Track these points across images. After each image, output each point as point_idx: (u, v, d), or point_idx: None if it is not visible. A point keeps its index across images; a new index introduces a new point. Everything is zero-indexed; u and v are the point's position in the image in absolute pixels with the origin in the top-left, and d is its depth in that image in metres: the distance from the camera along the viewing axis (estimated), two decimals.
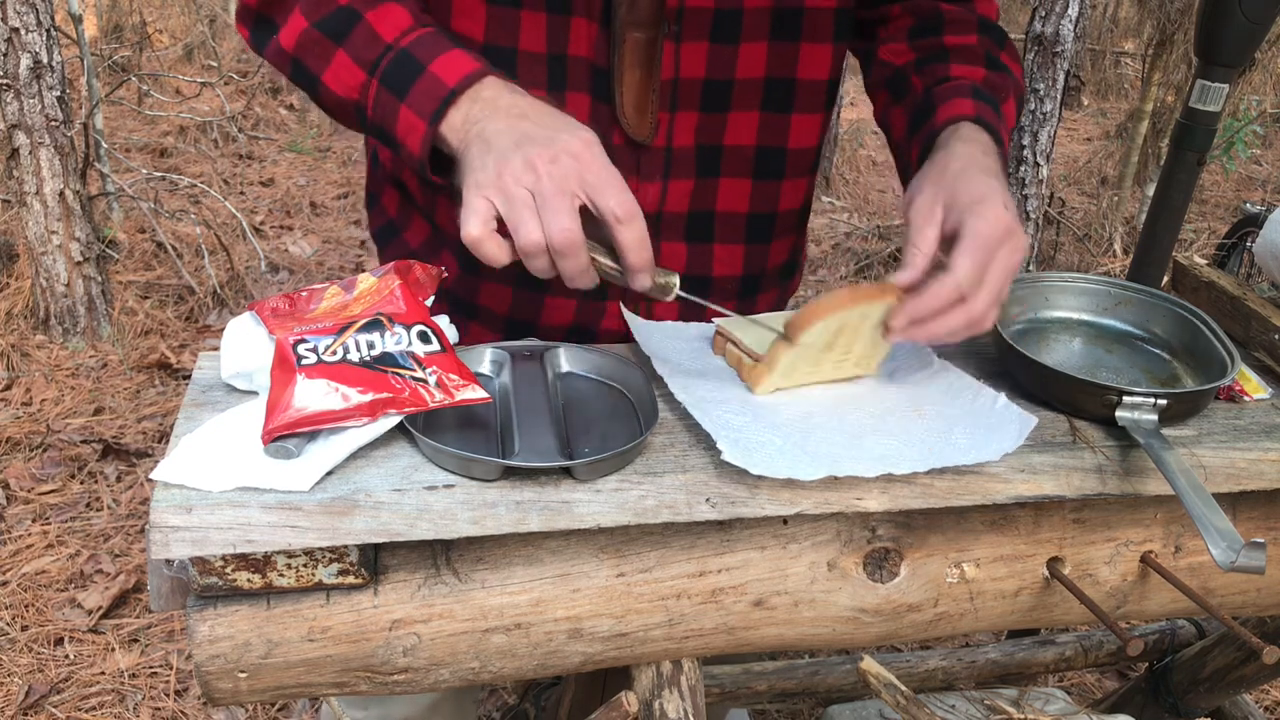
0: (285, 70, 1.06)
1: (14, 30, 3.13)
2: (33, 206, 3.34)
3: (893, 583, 0.99)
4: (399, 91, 0.96)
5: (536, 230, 0.86)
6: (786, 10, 1.12)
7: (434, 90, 0.94)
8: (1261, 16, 1.68)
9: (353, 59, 0.99)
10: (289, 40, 1.02)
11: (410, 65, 0.96)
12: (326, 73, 1.01)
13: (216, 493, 0.80)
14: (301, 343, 0.88)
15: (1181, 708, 1.69)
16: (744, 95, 1.16)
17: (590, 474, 0.86)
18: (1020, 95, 1.21)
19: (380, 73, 0.97)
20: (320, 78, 1.01)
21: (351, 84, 1.00)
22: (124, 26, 6.22)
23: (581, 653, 0.95)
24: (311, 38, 1.00)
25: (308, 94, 1.06)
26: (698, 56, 1.12)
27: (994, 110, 1.12)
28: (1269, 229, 1.25)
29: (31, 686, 2.13)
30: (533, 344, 1.06)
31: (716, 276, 1.25)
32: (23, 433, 2.96)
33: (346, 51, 0.99)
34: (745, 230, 1.24)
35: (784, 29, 1.13)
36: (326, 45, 1.00)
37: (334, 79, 1.00)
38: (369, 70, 0.98)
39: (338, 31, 0.99)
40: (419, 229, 1.26)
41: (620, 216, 0.88)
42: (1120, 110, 6.91)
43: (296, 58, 1.03)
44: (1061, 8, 3.19)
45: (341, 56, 0.99)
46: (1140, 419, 0.99)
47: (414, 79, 0.95)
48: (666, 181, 1.18)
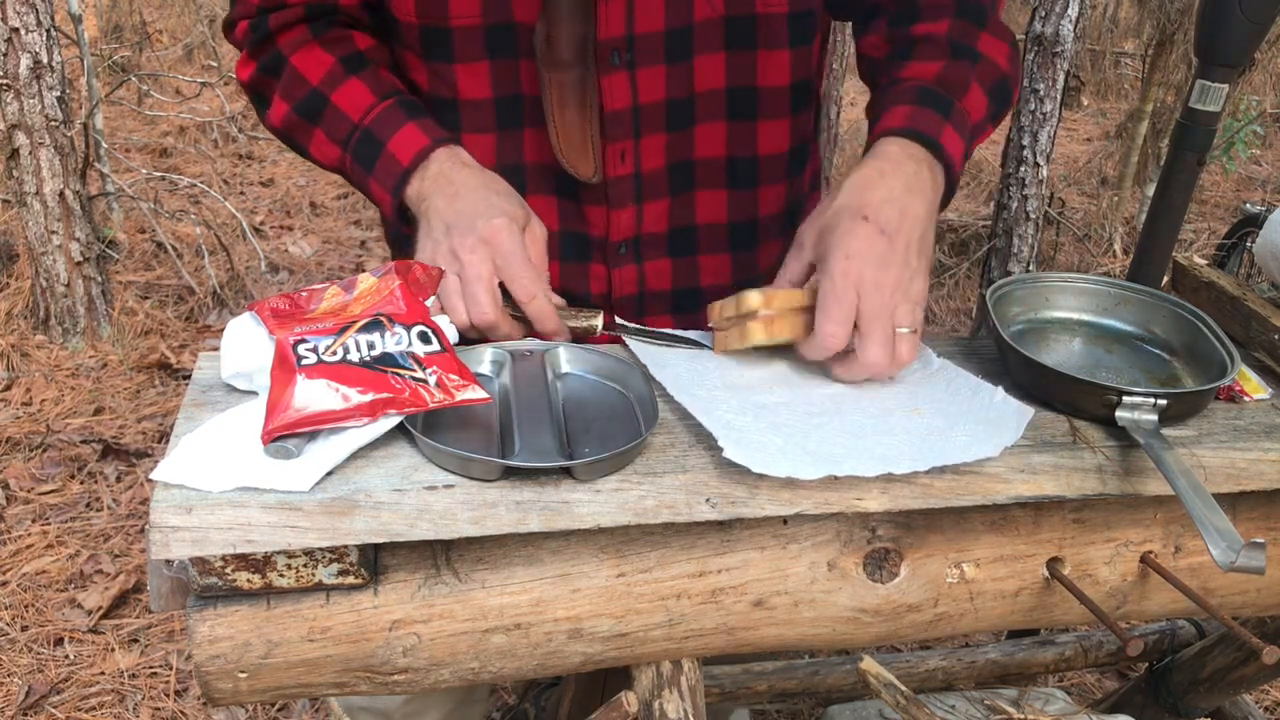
0: (283, 141, 1.20)
1: (14, 30, 3.13)
2: (33, 206, 3.33)
3: (893, 583, 0.99)
4: (366, 167, 1.11)
5: (462, 313, 1.02)
6: (738, 19, 1.12)
7: (392, 168, 1.09)
8: (1261, 16, 1.68)
9: (328, 138, 1.14)
10: (277, 119, 1.16)
11: (372, 144, 1.10)
12: (311, 147, 1.16)
13: (216, 493, 0.80)
14: (301, 343, 0.88)
15: (1181, 708, 1.69)
16: (707, 108, 1.16)
17: (590, 474, 0.86)
18: (999, 82, 1.13)
19: (351, 149, 1.12)
20: (308, 150, 1.17)
21: (332, 157, 1.15)
22: (124, 26, 6.22)
23: (581, 653, 0.95)
24: (292, 120, 1.15)
25: (303, 157, 1.21)
26: (656, 80, 1.12)
27: (941, 113, 1.06)
28: (1269, 229, 1.25)
29: (31, 686, 2.13)
30: (533, 344, 1.06)
31: (705, 286, 1.26)
32: (23, 433, 2.96)
33: (322, 131, 1.14)
34: (729, 239, 1.25)
35: (738, 39, 1.13)
36: (305, 126, 1.15)
37: (318, 152, 1.16)
38: (342, 147, 1.13)
39: (312, 113, 1.13)
40: None
41: (523, 299, 1.03)
42: (1120, 110, 6.91)
43: (287, 134, 1.17)
44: (1061, 8, 3.19)
45: (319, 135, 1.14)
46: (1140, 419, 0.99)
47: (376, 157, 1.10)
48: (640, 206, 1.18)
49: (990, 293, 1.14)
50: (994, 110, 1.13)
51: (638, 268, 1.22)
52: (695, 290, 1.25)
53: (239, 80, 1.20)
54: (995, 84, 1.12)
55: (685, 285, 1.24)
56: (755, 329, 1.01)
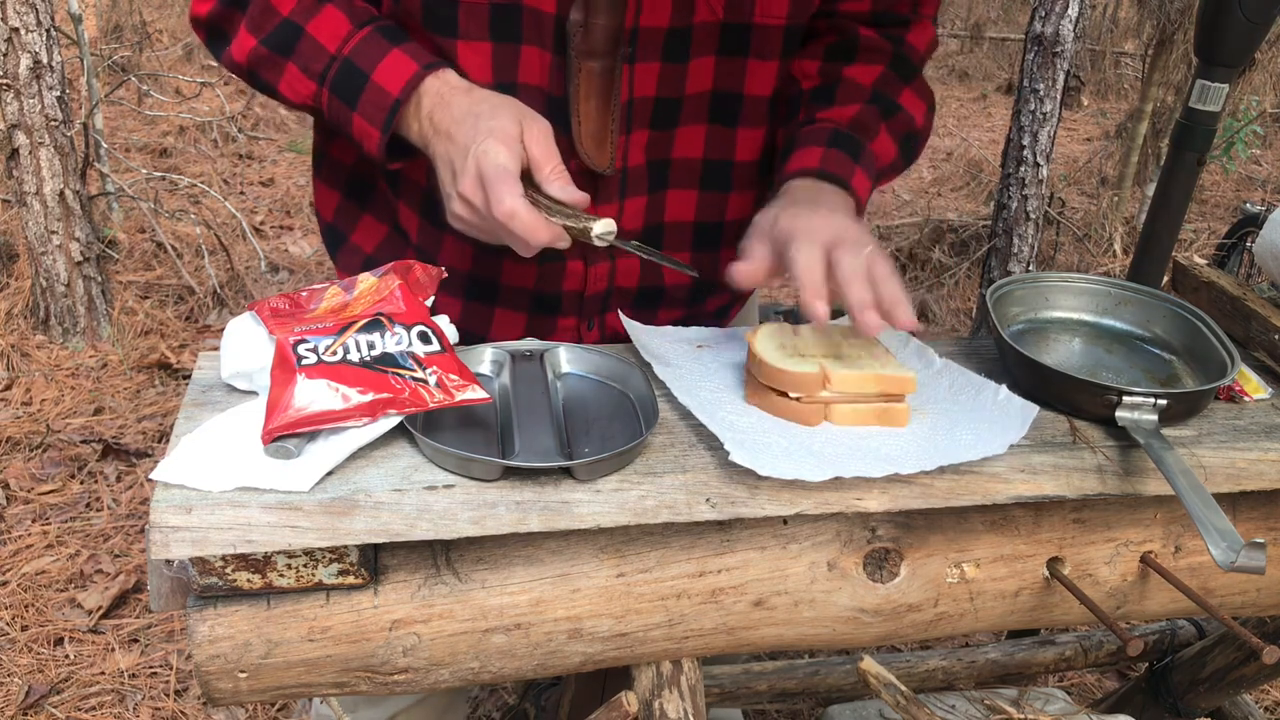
0: (243, 78, 1.12)
1: (14, 30, 3.13)
2: (33, 206, 3.33)
3: (893, 583, 0.99)
4: (349, 101, 1.03)
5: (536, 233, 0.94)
6: (735, 26, 1.12)
7: (380, 100, 1.01)
8: (1261, 16, 1.68)
9: (301, 71, 1.06)
10: (240, 55, 1.08)
11: (355, 75, 1.03)
12: (281, 84, 1.07)
13: (216, 493, 0.80)
14: (302, 343, 0.88)
15: (1181, 708, 1.69)
16: (692, 110, 1.16)
17: (590, 474, 0.86)
18: (909, 134, 1.20)
19: (329, 83, 1.04)
20: (276, 88, 1.08)
21: (305, 93, 1.06)
22: (124, 26, 6.21)
23: (581, 653, 0.95)
24: (260, 54, 1.07)
25: (268, 96, 1.12)
26: (650, 76, 1.12)
27: (850, 155, 1.12)
28: (1269, 229, 1.25)
29: (31, 686, 2.13)
30: (533, 344, 1.06)
31: (668, 285, 1.26)
32: (23, 433, 2.96)
33: (295, 64, 1.06)
34: (692, 238, 1.25)
35: (732, 44, 1.13)
36: (276, 59, 1.07)
37: (289, 89, 1.07)
38: (319, 81, 1.05)
39: (283, 45, 1.06)
40: (370, 230, 1.25)
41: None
42: (1120, 110, 6.91)
43: (251, 70, 1.09)
44: (1061, 8, 3.19)
45: (291, 69, 1.06)
46: (1140, 419, 0.99)
47: (360, 89, 1.03)
48: (623, 202, 1.18)
49: (990, 293, 1.14)
50: (902, 158, 1.20)
51: (610, 265, 1.22)
52: (659, 289, 1.26)
53: (194, 17, 1.11)
54: (905, 135, 1.20)
55: (650, 284, 1.24)
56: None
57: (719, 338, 1.14)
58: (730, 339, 1.14)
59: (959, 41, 8.94)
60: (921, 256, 4.58)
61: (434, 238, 1.20)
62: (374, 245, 1.25)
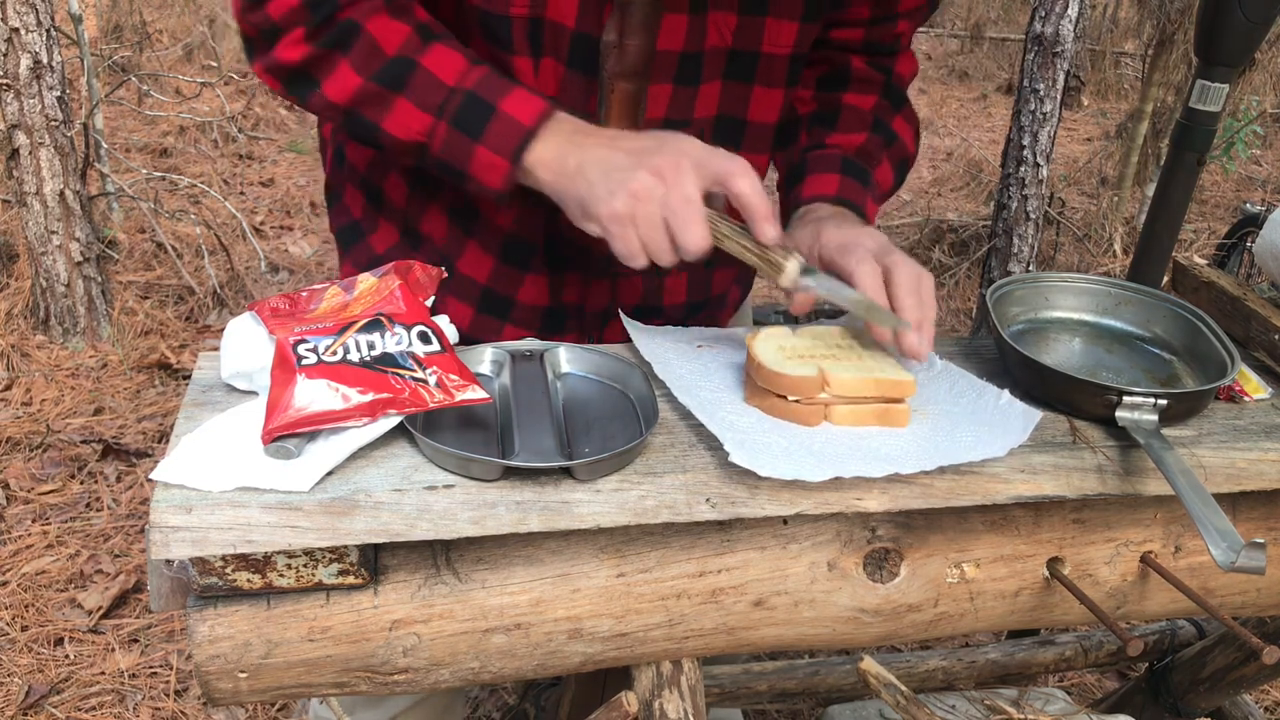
0: (334, 118, 1.08)
1: (14, 30, 3.13)
2: (33, 206, 3.33)
3: (893, 583, 0.99)
4: (472, 132, 1.01)
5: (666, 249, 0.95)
6: (743, 53, 1.14)
7: (510, 130, 1.00)
8: (1261, 16, 1.68)
9: (416, 105, 1.03)
10: (340, 95, 1.04)
11: (479, 106, 1.01)
12: (387, 120, 1.04)
13: (216, 493, 0.80)
14: (302, 343, 0.88)
15: (1181, 708, 1.69)
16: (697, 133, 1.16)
17: (590, 474, 0.86)
18: (903, 159, 1.26)
19: (449, 115, 1.01)
20: (380, 125, 1.04)
21: (416, 129, 1.03)
22: (124, 26, 6.21)
23: (581, 653, 0.95)
24: (369, 91, 1.03)
25: (358, 136, 1.09)
26: (662, 98, 1.13)
27: (861, 182, 1.17)
28: (1269, 229, 1.25)
29: (31, 686, 2.13)
30: (533, 344, 1.06)
31: (666, 305, 1.28)
32: (23, 433, 2.96)
33: (408, 99, 1.03)
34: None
35: (739, 71, 1.15)
36: (385, 95, 1.03)
37: (396, 125, 1.03)
38: (435, 113, 1.02)
39: (395, 81, 1.03)
40: (386, 234, 1.26)
41: (747, 191, 0.96)
42: (1120, 110, 6.91)
43: (352, 110, 1.05)
44: (1061, 8, 3.19)
45: (403, 104, 1.03)
46: (1140, 419, 0.99)
47: (486, 120, 1.00)
48: None
49: (990, 293, 1.14)
50: (896, 184, 1.27)
51: (611, 283, 1.24)
52: (658, 308, 1.28)
53: (278, 63, 1.06)
54: (900, 161, 1.26)
55: (651, 304, 1.27)
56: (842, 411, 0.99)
57: (719, 338, 1.14)
58: (730, 339, 1.14)
59: (959, 41, 8.94)
60: (921, 256, 4.59)
61: (458, 245, 1.22)
62: (385, 248, 1.26)
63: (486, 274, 1.22)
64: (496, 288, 1.23)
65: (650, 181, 0.94)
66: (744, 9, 1.11)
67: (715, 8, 1.10)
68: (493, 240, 1.21)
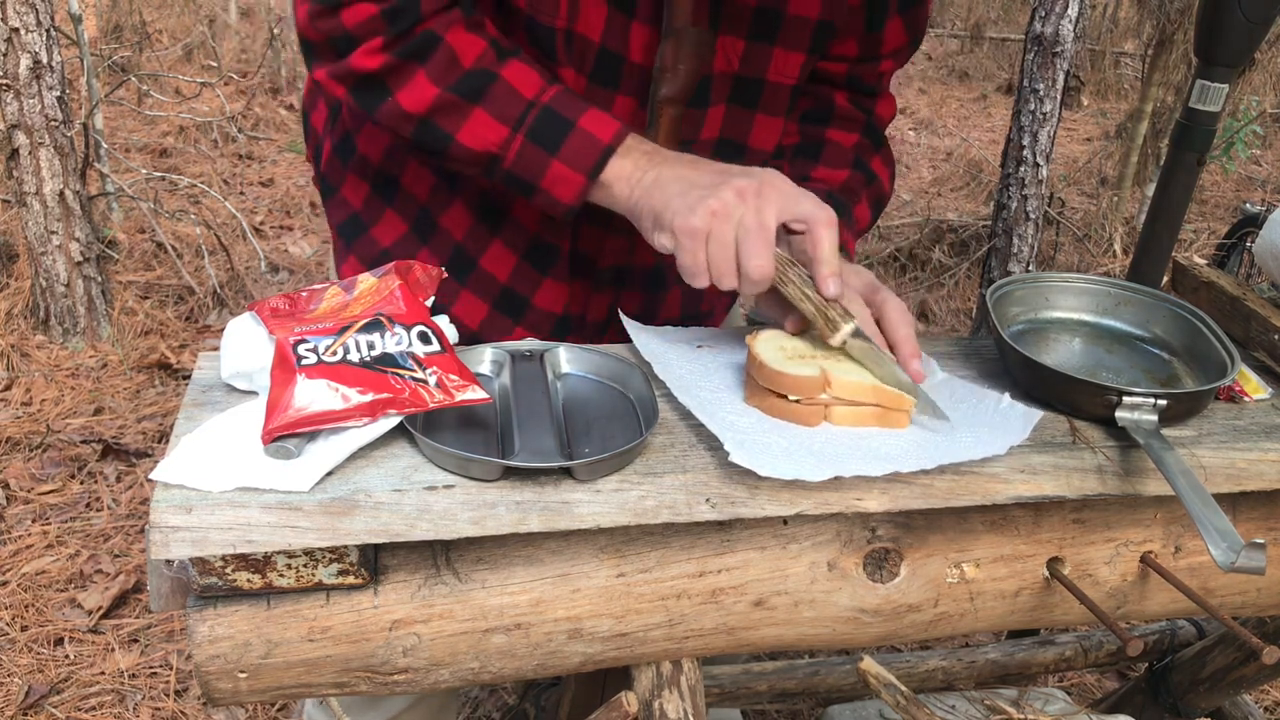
0: (405, 128, 1.08)
1: (14, 30, 3.13)
2: (32, 206, 3.33)
3: (893, 583, 0.99)
4: (550, 146, 1.02)
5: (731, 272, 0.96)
6: (748, 80, 1.16)
7: (589, 146, 1.02)
8: (1261, 16, 1.68)
9: (494, 117, 1.04)
10: (416, 105, 1.05)
11: (557, 121, 1.03)
12: (462, 131, 1.04)
13: (216, 493, 0.80)
14: (301, 343, 0.88)
15: (1181, 708, 1.69)
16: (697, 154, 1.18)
17: (590, 474, 0.86)
18: (880, 198, 1.28)
19: (526, 128, 1.03)
20: (455, 136, 1.05)
21: (492, 140, 1.04)
22: (124, 26, 6.21)
23: (581, 653, 0.95)
24: (447, 101, 1.04)
25: (427, 146, 1.08)
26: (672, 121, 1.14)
27: (844, 219, 1.17)
28: (1269, 229, 1.25)
29: (31, 686, 2.13)
30: (533, 344, 1.06)
31: (660, 319, 1.30)
32: (23, 433, 2.96)
33: (486, 110, 1.04)
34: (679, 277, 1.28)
35: (743, 96, 1.17)
36: (462, 106, 1.04)
37: (470, 136, 1.04)
38: (513, 126, 1.03)
39: (475, 92, 1.03)
40: (392, 226, 1.26)
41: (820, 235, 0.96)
42: (1120, 110, 6.90)
43: (426, 119, 1.05)
44: (1061, 8, 3.19)
45: (480, 114, 1.04)
46: (1140, 419, 0.99)
47: (565, 134, 1.02)
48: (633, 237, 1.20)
49: (990, 293, 1.14)
50: (872, 221, 1.29)
51: (614, 294, 1.27)
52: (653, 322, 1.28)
53: (349, 71, 1.05)
54: (877, 200, 1.28)
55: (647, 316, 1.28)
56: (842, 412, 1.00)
57: (719, 338, 1.14)
58: (730, 339, 1.14)
59: (959, 41, 8.94)
60: (921, 256, 4.58)
61: (483, 241, 1.22)
62: (392, 240, 1.26)
63: (508, 273, 1.23)
64: (517, 288, 1.24)
65: (732, 201, 0.95)
66: (752, 35, 1.13)
67: (726, 32, 1.12)
68: (520, 240, 1.22)
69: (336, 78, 1.07)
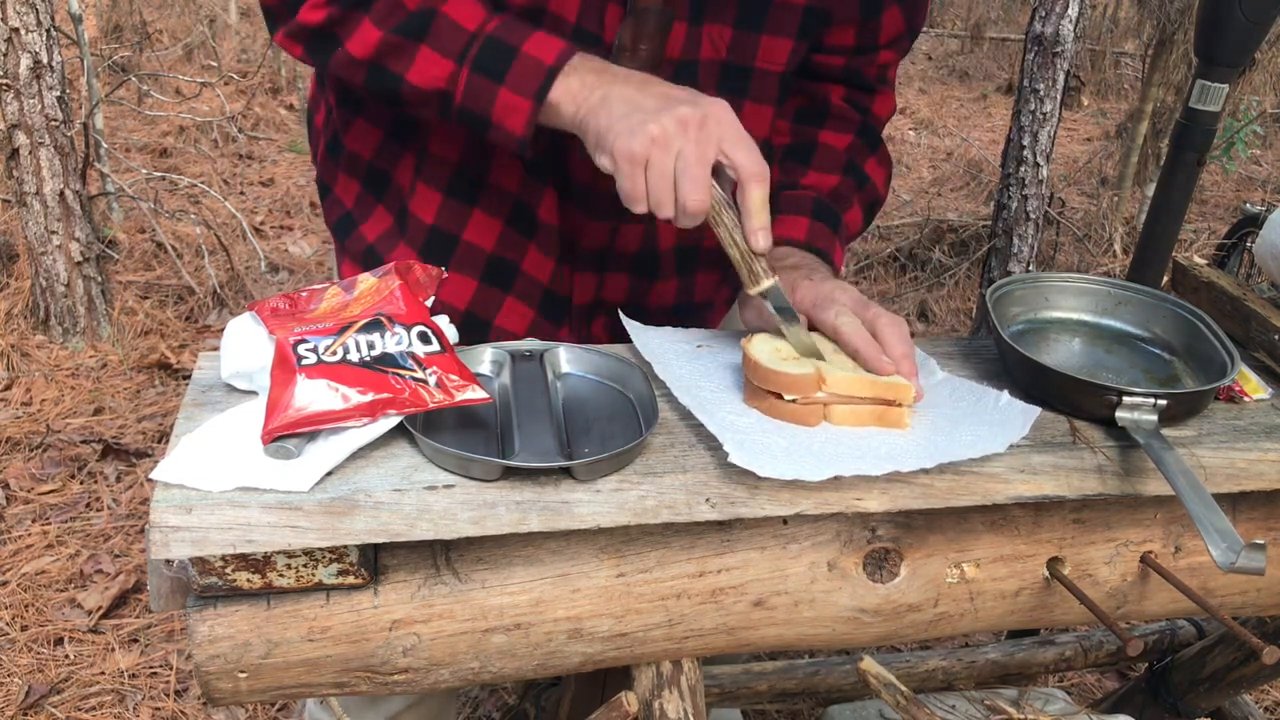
0: (357, 76, 1.08)
1: (14, 30, 3.13)
2: (32, 206, 3.33)
3: (893, 583, 0.99)
4: (494, 75, 1.00)
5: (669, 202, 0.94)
6: (735, 67, 1.15)
7: (533, 69, 0.99)
8: (1261, 16, 1.68)
9: (437, 52, 1.03)
10: (362, 49, 1.05)
11: (501, 49, 1.01)
12: (410, 71, 1.04)
13: (216, 493, 0.80)
14: (301, 343, 0.88)
15: (1181, 708, 1.69)
16: None
17: (590, 474, 0.86)
18: (873, 202, 1.27)
19: (470, 60, 1.01)
20: (404, 76, 1.04)
21: (438, 75, 1.03)
22: (124, 26, 6.21)
23: (581, 653, 0.95)
24: (390, 42, 1.04)
25: (380, 92, 1.08)
26: None
27: (830, 227, 1.18)
28: (1269, 229, 1.25)
29: (31, 686, 2.13)
30: (533, 344, 1.06)
31: (653, 307, 1.30)
32: (23, 433, 2.96)
33: (430, 46, 1.03)
34: (675, 261, 1.28)
35: (731, 84, 1.16)
36: (407, 45, 1.03)
37: (418, 74, 1.04)
38: (457, 60, 1.02)
39: (417, 30, 1.03)
40: (379, 221, 1.26)
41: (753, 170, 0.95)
42: (1120, 110, 6.90)
43: (374, 63, 1.05)
44: (1061, 8, 3.18)
45: (425, 52, 1.03)
46: (1140, 419, 0.99)
47: (508, 62, 1.00)
48: (617, 225, 1.21)
49: (990, 293, 1.14)
50: (864, 225, 1.28)
51: (598, 277, 1.26)
52: (644, 309, 1.29)
53: (300, 27, 1.07)
54: (870, 204, 1.27)
55: (637, 303, 1.28)
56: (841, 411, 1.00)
57: (719, 338, 1.14)
58: (730, 340, 1.14)
59: (959, 41, 8.94)
60: (921, 256, 4.58)
61: (459, 216, 1.21)
62: (376, 235, 1.26)
63: (494, 239, 1.22)
64: (505, 254, 1.23)
65: (673, 130, 0.93)
66: (739, 23, 1.12)
67: (711, 20, 1.11)
68: (502, 205, 1.20)
69: (291, 36, 1.08)
